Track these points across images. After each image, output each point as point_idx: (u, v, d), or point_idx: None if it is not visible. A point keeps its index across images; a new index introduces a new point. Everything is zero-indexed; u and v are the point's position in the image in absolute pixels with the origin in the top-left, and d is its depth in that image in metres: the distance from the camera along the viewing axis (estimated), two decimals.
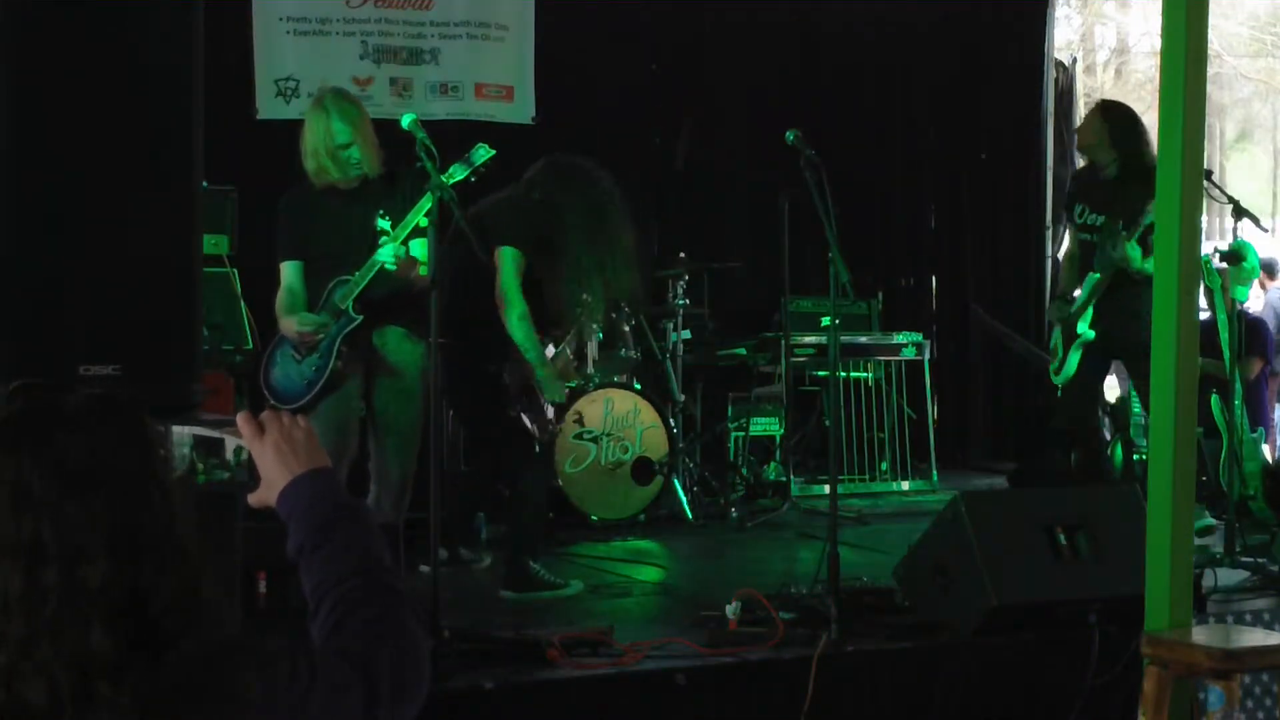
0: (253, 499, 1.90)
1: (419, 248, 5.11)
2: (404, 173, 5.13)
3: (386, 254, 5.06)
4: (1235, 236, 6.43)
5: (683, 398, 7.42)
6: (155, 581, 1.59)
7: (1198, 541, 5.10)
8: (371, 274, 5.12)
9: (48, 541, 1.56)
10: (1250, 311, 8.74)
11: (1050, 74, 9.55)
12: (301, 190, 5.31)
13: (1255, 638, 4.29)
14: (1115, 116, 6.62)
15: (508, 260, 5.43)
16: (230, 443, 1.95)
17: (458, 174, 5.10)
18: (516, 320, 5.41)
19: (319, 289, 5.25)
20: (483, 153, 5.18)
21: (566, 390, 5.82)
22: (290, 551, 1.84)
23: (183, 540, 1.64)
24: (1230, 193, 6.48)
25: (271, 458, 1.88)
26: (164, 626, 1.59)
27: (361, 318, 5.17)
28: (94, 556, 1.56)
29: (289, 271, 5.30)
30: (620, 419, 6.87)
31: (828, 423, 7.42)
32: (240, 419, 1.90)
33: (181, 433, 1.86)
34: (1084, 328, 6.36)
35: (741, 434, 7.81)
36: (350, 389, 5.23)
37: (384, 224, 5.20)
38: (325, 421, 5.20)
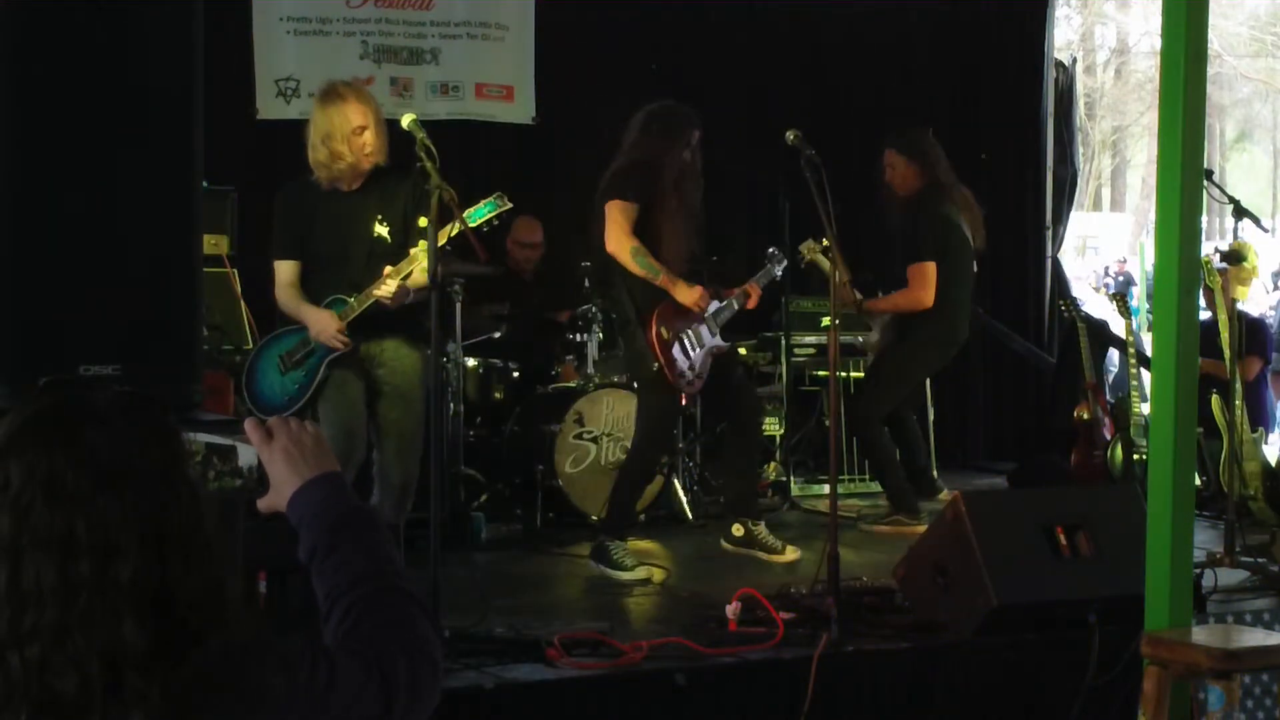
0: (262, 504, 1.91)
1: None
2: (409, 176, 5.07)
3: (388, 291, 5.05)
4: (1235, 236, 6.43)
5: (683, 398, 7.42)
6: (182, 578, 1.61)
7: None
8: (369, 304, 5.11)
9: (80, 535, 1.57)
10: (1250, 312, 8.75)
11: (1050, 74, 9.55)
12: (303, 187, 5.24)
13: (1255, 638, 4.29)
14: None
15: (613, 212, 5.78)
16: (244, 450, 1.95)
17: (480, 213, 5.10)
18: (630, 256, 5.74)
19: (314, 293, 5.23)
20: (503, 203, 5.18)
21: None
22: (301, 556, 1.84)
23: (209, 538, 1.65)
24: (1230, 193, 6.48)
25: (281, 463, 1.88)
26: (190, 623, 1.60)
27: (349, 347, 5.16)
28: (125, 551, 1.58)
29: (287, 270, 5.27)
30: (620, 419, 6.87)
31: (827, 423, 7.41)
32: (248, 424, 1.91)
33: (194, 439, 1.87)
34: None
35: None
36: (353, 393, 5.22)
37: (381, 229, 5.19)
38: (332, 426, 5.20)
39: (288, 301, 5.26)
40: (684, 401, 5.95)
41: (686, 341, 5.88)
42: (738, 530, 5.96)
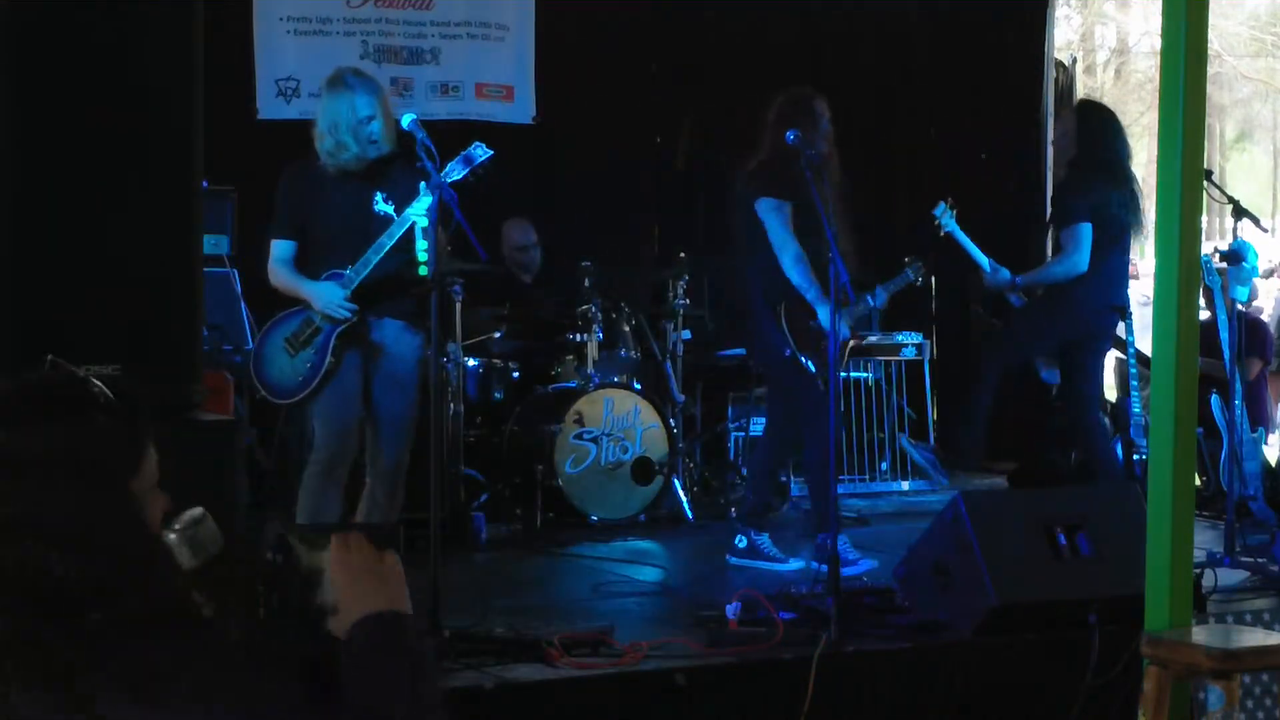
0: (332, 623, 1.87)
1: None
2: (413, 172, 5.04)
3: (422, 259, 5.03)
4: (1235, 236, 6.43)
5: (683, 398, 7.42)
6: (65, 560, 1.65)
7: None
8: (378, 258, 5.09)
9: None
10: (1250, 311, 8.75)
11: (1050, 74, 9.55)
12: (308, 168, 5.23)
13: (1255, 638, 4.29)
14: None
15: (769, 210, 5.72)
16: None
17: (456, 173, 5.08)
18: (790, 263, 5.68)
19: (314, 270, 5.22)
20: (481, 152, 5.15)
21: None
22: (346, 682, 1.81)
23: (90, 525, 1.67)
24: (1230, 193, 6.48)
25: (352, 583, 1.85)
26: (78, 597, 1.63)
27: (355, 317, 5.16)
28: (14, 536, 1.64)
29: (283, 249, 5.27)
30: (620, 419, 6.87)
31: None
32: (335, 538, 1.88)
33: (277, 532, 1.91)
34: None
35: (741, 434, 7.81)
36: (351, 389, 5.22)
37: (387, 208, 5.19)
38: (326, 423, 5.19)
39: (284, 279, 5.24)
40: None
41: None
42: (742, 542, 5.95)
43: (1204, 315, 6.54)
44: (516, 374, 7.22)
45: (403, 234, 5.12)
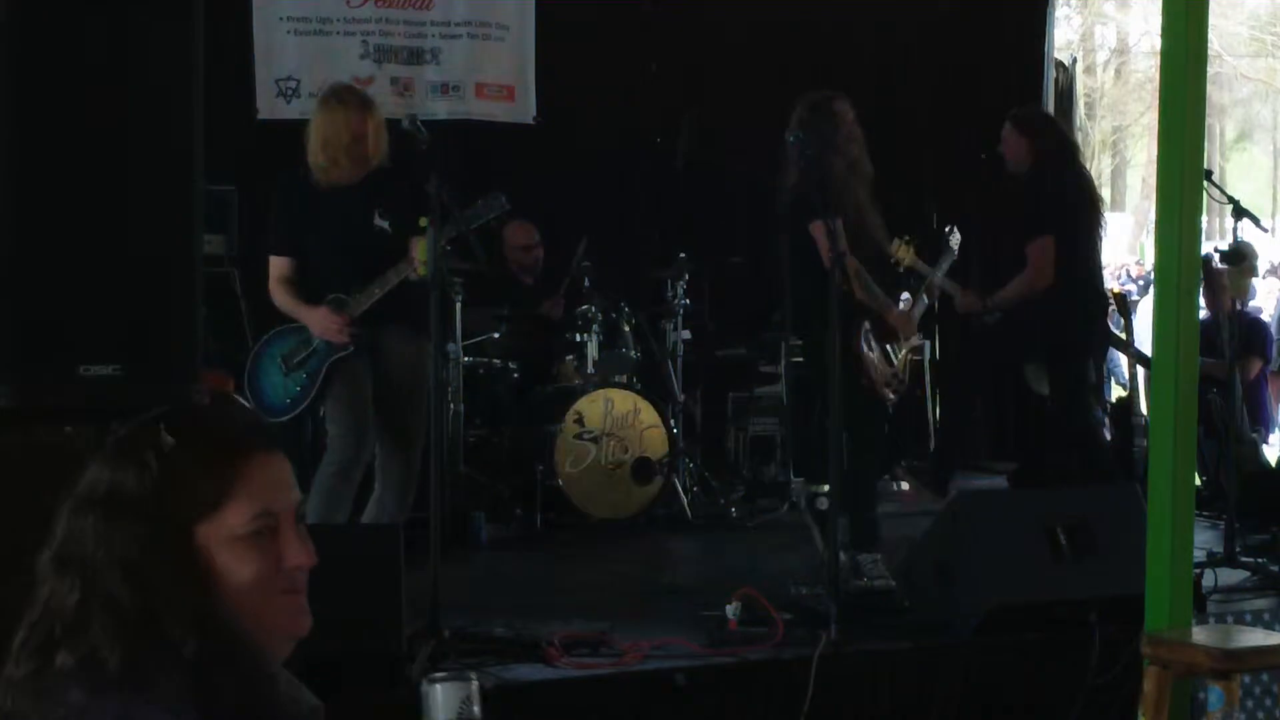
0: None
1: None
2: (409, 176, 5.06)
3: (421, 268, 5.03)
4: (1235, 236, 6.43)
5: (683, 398, 7.42)
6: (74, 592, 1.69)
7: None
8: (382, 292, 5.11)
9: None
10: (1249, 311, 8.75)
11: (1050, 74, 9.55)
12: (302, 179, 5.24)
13: (1255, 638, 4.28)
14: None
15: (821, 233, 5.39)
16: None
17: (478, 219, 5.12)
18: (853, 275, 5.49)
19: (314, 288, 5.23)
20: (505, 201, 5.20)
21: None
22: None
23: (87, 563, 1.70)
24: (1230, 193, 6.48)
25: None
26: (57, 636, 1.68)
27: (354, 345, 5.17)
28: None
29: (281, 266, 5.27)
30: (620, 419, 6.87)
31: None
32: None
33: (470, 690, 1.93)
34: None
35: (742, 434, 7.81)
36: (365, 392, 5.23)
37: (383, 223, 5.19)
38: (341, 425, 5.21)
39: (284, 299, 5.26)
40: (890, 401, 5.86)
41: (889, 349, 5.84)
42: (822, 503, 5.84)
43: (1204, 315, 6.55)
44: (516, 374, 7.22)
45: (398, 242, 5.14)
